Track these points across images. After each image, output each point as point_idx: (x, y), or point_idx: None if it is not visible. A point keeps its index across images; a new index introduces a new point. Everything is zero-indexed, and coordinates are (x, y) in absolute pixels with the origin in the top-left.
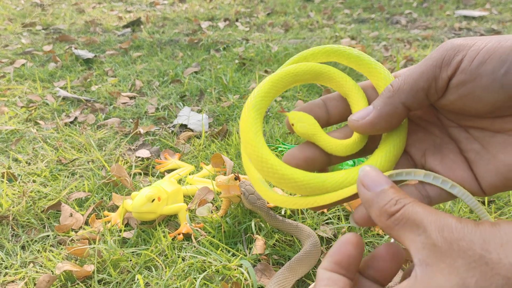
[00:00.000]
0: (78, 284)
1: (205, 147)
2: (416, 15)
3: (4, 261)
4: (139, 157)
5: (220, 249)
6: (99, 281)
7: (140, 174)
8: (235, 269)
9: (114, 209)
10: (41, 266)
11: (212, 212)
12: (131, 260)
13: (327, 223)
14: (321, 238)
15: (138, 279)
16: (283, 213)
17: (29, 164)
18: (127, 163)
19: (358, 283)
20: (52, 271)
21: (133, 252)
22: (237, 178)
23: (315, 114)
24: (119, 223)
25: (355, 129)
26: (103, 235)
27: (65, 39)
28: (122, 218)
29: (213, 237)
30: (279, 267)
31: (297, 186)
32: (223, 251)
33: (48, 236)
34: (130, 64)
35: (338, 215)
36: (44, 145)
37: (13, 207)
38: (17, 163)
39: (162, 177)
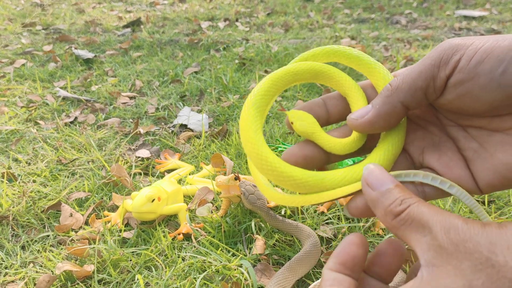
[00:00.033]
0: (78, 284)
1: (205, 147)
2: (416, 15)
3: (4, 261)
4: (139, 157)
5: (220, 249)
6: (99, 281)
7: (140, 174)
8: (235, 269)
9: (114, 209)
10: (41, 266)
11: (212, 212)
12: (131, 260)
13: (327, 223)
14: (321, 238)
15: (138, 279)
16: (283, 213)
17: (29, 164)
18: (127, 163)
19: (363, 282)
20: (52, 271)
21: (133, 252)
22: (237, 178)
23: (315, 113)
24: (119, 223)
25: (354, 128)
26: (103, 235)
27: (65, 39)
28: (122, 218)
29: (213, 237)
30: (279, 267)
31: (295, 184)
32: (223, 251)
33: (48, 236)
34: (130, 64)
35: (338, 215)
36: (44, 145)
37: (13, 207)
38: (17, 163)
39: (162, 177)
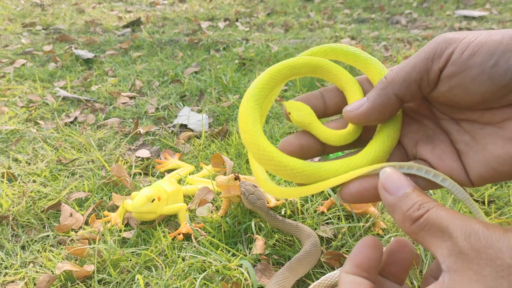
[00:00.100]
0: (78, 284)
1: (205, 147)
2: (416, 15)
3: (4, 261)
4: (139, 157)
5: (220, 249)
6: (99, 281)
7: (140, 174)
8: (235, 269)
9: (114, 209)
10: (41, 266)
11: (212, 212)
12: (131, 260)
13: (327, 223)
14: (321, 238)
15: (138, 279)
16: (283, 213)
17: (29, 164)
18: (127, 163)
19: (379, 284)
20: (52, 271)
21: (133, 252)
22: (237, 178)
23: (313, 104)
24: (119, 223)
25: (349, 120)
26: (103, 235)
27: (65, 39)
28: (122, 218)
29: (213, 237)
30: (279, 267)
31: (292, 174)
32: (223, 251)
33: (48, 236)
34: (130, 64)
35: (338, 215)
36: (44, 145)
37: (13, 207)
38: (17, 163)
39: (162, 177)
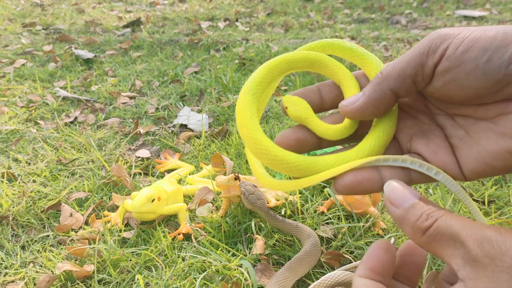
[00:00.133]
0: (78, 284)
1: (205, 147)
2: (416, 15)
3: (4, 261)
4: (139, 157)
5: (220, 249)
6: (99, 281)
7: (140, 174)
8: (235, 269)
9: (114, 209)
10: (41, 266)
11: (212, 212)
12: (131, 260)
13: (327, 223)
14: (321, 238)
15: (138, 279)
16: (283, 213)
17: (29, 164)
18: (127, 163)
19: (393, 287)
20: (52, 271)
21: (133, 252)
22: (237, 178)
23: (309, 99)
24: (119, 223)
25: (345, 114)
26: (103, 235)
27: (65, 39)
28: (122, 218)
29: (213, 237)
30: (279, 267)
31: (288, 167)
32: (223, 251)
33: (48, 236)
34: (130, 64)
35: (338, 215)
36: (44, 145)
37: (13, 207)
38: (17, 163)
39: (162, 177)
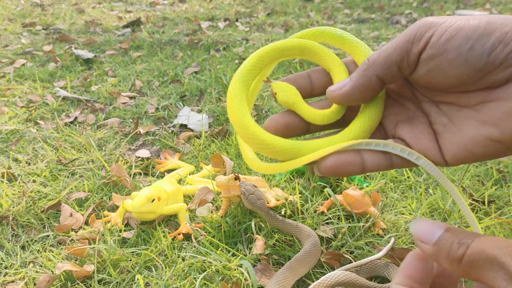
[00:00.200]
0: (78, 284)
1: (205, 147)
2: (416, 15)
3: (4, 261)
4: (139, 157)
5: (220, 249)
6: (99, 281)
7: (140, 174)
8: (235, 269)
9: (114, 209)
10: (41, 266)
11: (212, 212)
12: (131, 260)
13: (327, 223)
14: (321, 238)
15: (138, 279)
16: (283, 213)
17: (29, 164)
18: (127, 163)
19: None
20: (52, 271)
21: (133, 252)
22: (237, 178)
23: (299, 84)
24: (119, 223)
25: (332, 99)
26: (103, 235)
27: (65, 39)
28: (122, 218)
29: (213, 237)
30: (279, 267)
31: (275, 151)
32: (223, 251)
33: (48, 236)
34: (130, 64)
35: (338, 215)
36: (44, 145)
37: (13, 207)
38: (17, 163)
39: (162, 177)
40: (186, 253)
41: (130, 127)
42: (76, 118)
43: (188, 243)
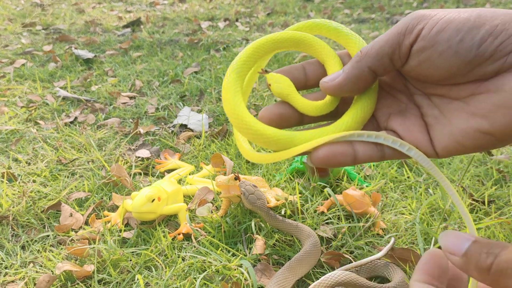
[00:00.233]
0: (78, 284)
1: (205, 147)
2: None
3: (4, 261)
4: (139, 157)
5: (220, 249)
6: (99, 281)
7: (140, 174)
8: (235, 269)
9: (114, 209)
10: (41, 266)
11: (212, 212)
12: (131, 260)
13: (327, 223)
14: (321, 238)
15: (138, 279)
16: (283, 213)
17: (29, 164)
18: (127, 163)
19: None
20: (52, 271)
21: (133, 252)
22: (237, 178)
23: (294, 76)
24: (119, 223)
25: (325, 91)
26: (103, 235)
27: (65, 39)
28: (122, 218)
29: (213, 237)
30: (279, 267)
31: (268, 141)
32: (223, 251)
33: (48, 236)
34: (130, 64)
35: (338, 215)
36: (44, 145)
37: (13, 207)
38: (17, 163)
39: (162, 177)
40: (186, 253)
41: (130, 127)
42: (76, 118)
43: (188, 243)
